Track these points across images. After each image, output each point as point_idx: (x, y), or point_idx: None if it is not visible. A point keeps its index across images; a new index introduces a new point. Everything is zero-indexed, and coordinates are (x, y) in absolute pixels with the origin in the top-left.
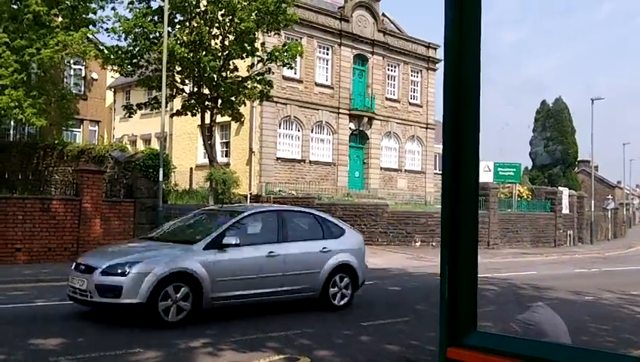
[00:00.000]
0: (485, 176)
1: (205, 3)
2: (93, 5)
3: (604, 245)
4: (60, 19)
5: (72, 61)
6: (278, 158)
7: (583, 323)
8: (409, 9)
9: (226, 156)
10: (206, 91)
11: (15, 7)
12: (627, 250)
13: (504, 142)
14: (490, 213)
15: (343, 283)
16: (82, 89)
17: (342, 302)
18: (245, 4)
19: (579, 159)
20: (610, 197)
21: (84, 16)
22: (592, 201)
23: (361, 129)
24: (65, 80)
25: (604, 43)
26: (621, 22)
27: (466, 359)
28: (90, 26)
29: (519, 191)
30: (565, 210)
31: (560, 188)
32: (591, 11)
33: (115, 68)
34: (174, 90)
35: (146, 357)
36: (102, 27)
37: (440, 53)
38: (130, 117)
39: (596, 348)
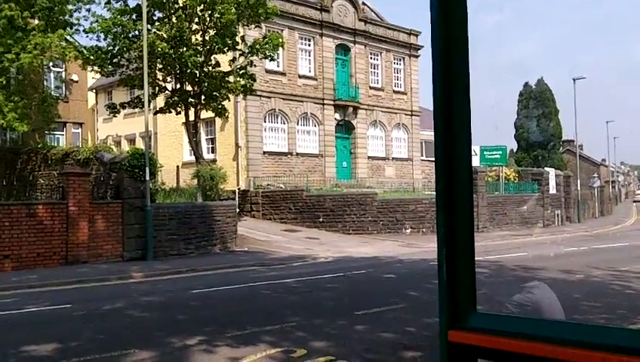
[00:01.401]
0: (472, 159)
1: None
2: (69, 6)
3: (592, 223)
4: (37, 21)
5: (51, 64)
6: (264, 152)
7: (576, 302)
8: None
9: (212, 152)
10: (189, 87)
11: None
12: (615, 227)
13: (488, 126)
14: (479, 196)
15: None
16: (63, 91)
17: None
18: None
19: (563, 139)
20: (595, 175)
21: (60, 17)
22: (578, 180)
23: (346, 119)
24: (45, 83)
25: (585, 23)
26: (600, 1)
27: (468, 341)
28: (68, 28)
29: (506, 173)
30: (552, 191)
31: (546, 168)
32: None
33: (96, 68)
34: (157, 87)
35: (141, 357)
36: (79, 29)
37: (421, 40)
38: (115, 116)
39: (598, 324)
